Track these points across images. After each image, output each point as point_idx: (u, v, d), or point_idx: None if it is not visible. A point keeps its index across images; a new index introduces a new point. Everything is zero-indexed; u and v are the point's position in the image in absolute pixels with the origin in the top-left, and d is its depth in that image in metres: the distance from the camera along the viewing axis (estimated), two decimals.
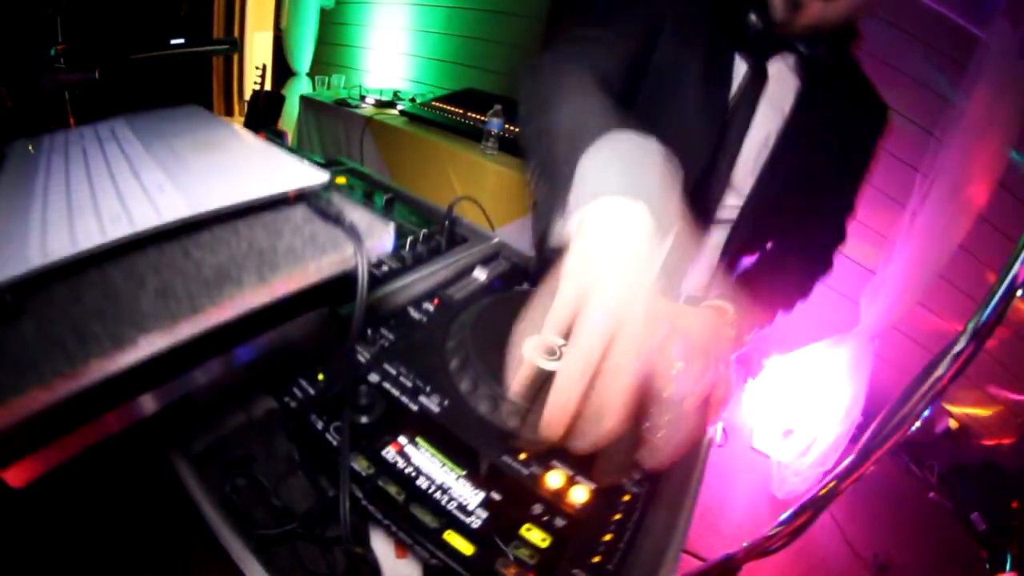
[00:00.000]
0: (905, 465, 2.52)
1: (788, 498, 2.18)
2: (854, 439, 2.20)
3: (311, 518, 0.64)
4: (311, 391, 0.62)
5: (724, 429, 2.44)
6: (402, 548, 0.61)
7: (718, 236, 1.14)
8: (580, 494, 0.56)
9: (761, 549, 0.68)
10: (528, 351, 0.49)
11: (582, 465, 0.59)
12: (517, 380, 0.52)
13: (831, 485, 0.64)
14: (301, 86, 4.23)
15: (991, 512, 2.24)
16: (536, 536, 0.51)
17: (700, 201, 1.05)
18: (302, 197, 0.62)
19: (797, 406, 2.28)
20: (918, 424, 0.65)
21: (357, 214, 0.60)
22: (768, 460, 2.38)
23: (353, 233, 0.55)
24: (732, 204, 1.09)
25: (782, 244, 1.21)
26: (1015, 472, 2.31)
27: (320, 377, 0.63)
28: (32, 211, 0.57)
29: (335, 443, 0.56)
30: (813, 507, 0.66)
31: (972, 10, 2.18)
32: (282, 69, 4.36)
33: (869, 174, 1.12)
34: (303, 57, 4.26)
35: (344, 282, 0.79)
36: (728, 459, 2.37)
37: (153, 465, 0.58)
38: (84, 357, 0.38)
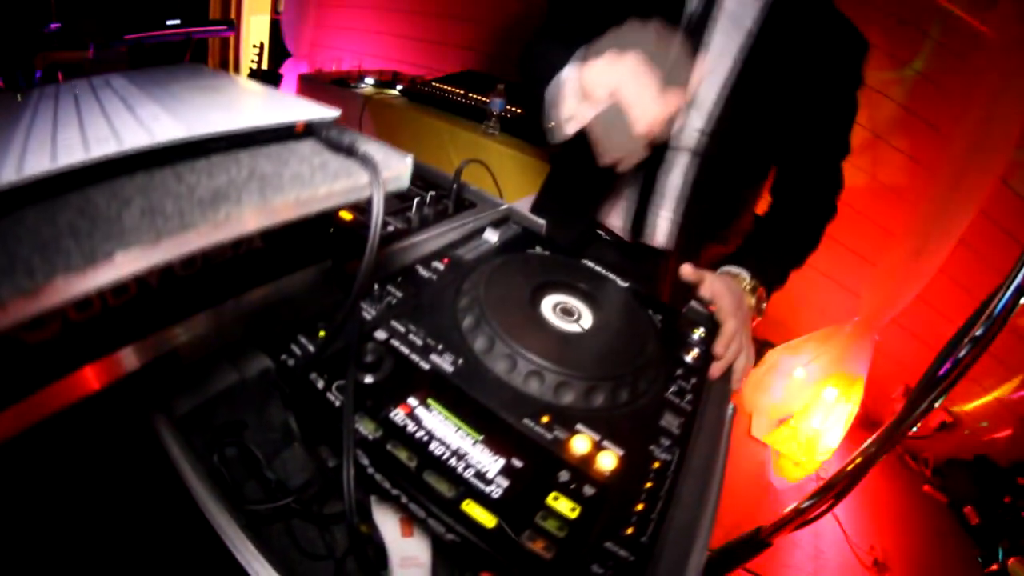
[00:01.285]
0: (900, 457, 2.50)
1: (785, 487, 2.15)
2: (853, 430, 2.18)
3: (308, 492, 0.58)
4: (311, 348, 0.55)
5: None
6: (408, 526, 0.55)
7: (691, 167, 1.09)
8: (608, 460, 0.50)
9: (798, 521, 0.63)
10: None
11: (608, 429, 0.53)
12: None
13: (871, 452, 0.60)
14: (299, 67, 4.13)
15: (984, 506, 2.22)
16: (564, 506, 0.45)
17: None
18: (311, 131, 0.55)
19: (795, 395, 2.24)
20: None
21: (372, 146, 0.53)
22: (766, 449, 2.35)
23: (368, 162, 0.48)
24: (697, 127, 1.05)
25: (781, 197, 1.17)
26: (1008, 467, 2.30)
27: (321, 334, 0.57)
28: (13, 140, 0.50)
29: (337, 403, 0.49)
30: (849, 477, 0.61)
31: (979, 4, 2.14)
32: (280, 52, 4.26)
33: (856, 110, 1.07)
34: (300, 40, 4.15)
35: (350, 235, 0.73)
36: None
37: (133, 429, 0.51)
38: (48, 273, 0.32)
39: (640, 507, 0.48)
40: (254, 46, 3.84)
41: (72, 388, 0.44)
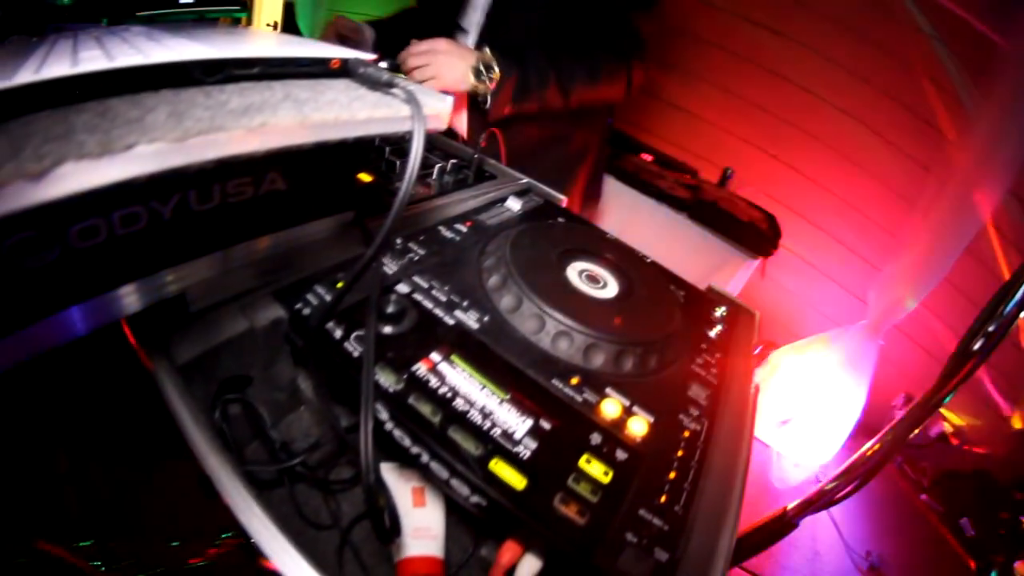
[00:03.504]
0: (899, 465, 2.46)
1: (784, 488, 2.11)
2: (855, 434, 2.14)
3: (314, 455, 0.54)
4: (328, 298, 0.51)
5: None
6: (420, 496, 0.51)
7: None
8: (639, 426, 0.46)
9: (826, 500, 0.60)
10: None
11: (638, 396, 0.50)
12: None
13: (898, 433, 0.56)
14: None
15: (981, 519, 2.18)
16: (597, 469, 0.41)
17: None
18: (347, 71, 0.51)
19: (798, 396, 2.20)
20: None
21: (418, 89, 0.49)
22: (768, 449, 2.31)
23: (409, 95, 0.44)
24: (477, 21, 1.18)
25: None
26: (1006, 483, 2.26)
27: (339, 285, 0.53)
28: (32, 57, 0.46)
29: (356, 354, 0.46)
30: (879, 454, 0.57)
31: (993, 15, 2.11)
32: (293, 33, 4.21)
33: None
34: (313, 24, 4.10)
35: (371, 194, 0.70)
36: None
37: (134, 373, 0.47)
38: (59, 158, 0.28)
39: (672, 475, 0.44)
40: (267, 25, 3.79)
41: (69, 324, 0.41)
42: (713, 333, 0.67)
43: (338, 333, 0.47)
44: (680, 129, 2.58)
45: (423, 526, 0.48)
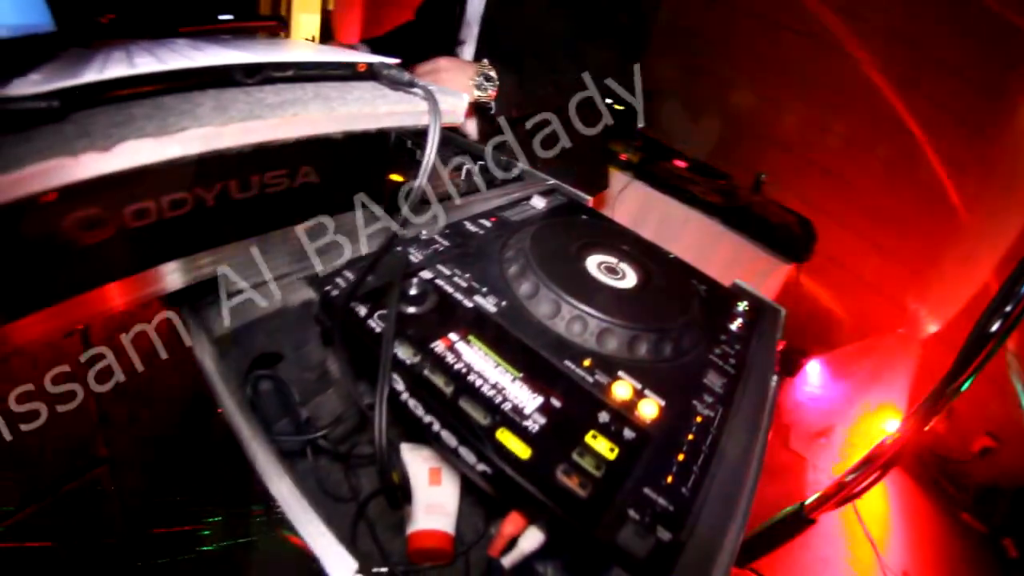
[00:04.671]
0: (938, 482, 2.31)
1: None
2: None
3: (337, 430, 0.55)
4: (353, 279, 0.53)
5: None
6: (437, 475, 0.52)
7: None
8: (650, 408, 0.46)
9: (841, 496, 0.57)
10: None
11: (651, 380, 0.49)
12: None
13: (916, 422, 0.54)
14: None
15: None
16: (603, 446, 0.41)
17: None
18: (373, 75, 0.54)
19: (834, 408, 2.11)
20: None
21: (436, 88, 0.51)
22: (803, 461, 2.21)
23: (427, 94, 0.46)
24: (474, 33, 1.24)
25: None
26: None
27: (368, 271, 0.54)
28: (92, 62, 0.50)
29: (378, 330, 0.47)
30: (897, 444, 0.55)
31: None
32: None
33: None
34: (350, 37, 4.16)
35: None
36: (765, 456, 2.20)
37: (171, 346, 0.50)
38: (122, 136, 0.31)
39: (681, 457, 0.43)
40: (306, 39, 3.87)
41: (118, 295, 0.43)
42: (734, 326, 0.65)
43: (362, 311, 0.49)
44: (713, 134, 2.53)
45: (437, 503, 0.49)
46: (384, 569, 0.44)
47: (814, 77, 2.26)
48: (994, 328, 0.51)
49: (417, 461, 0.52)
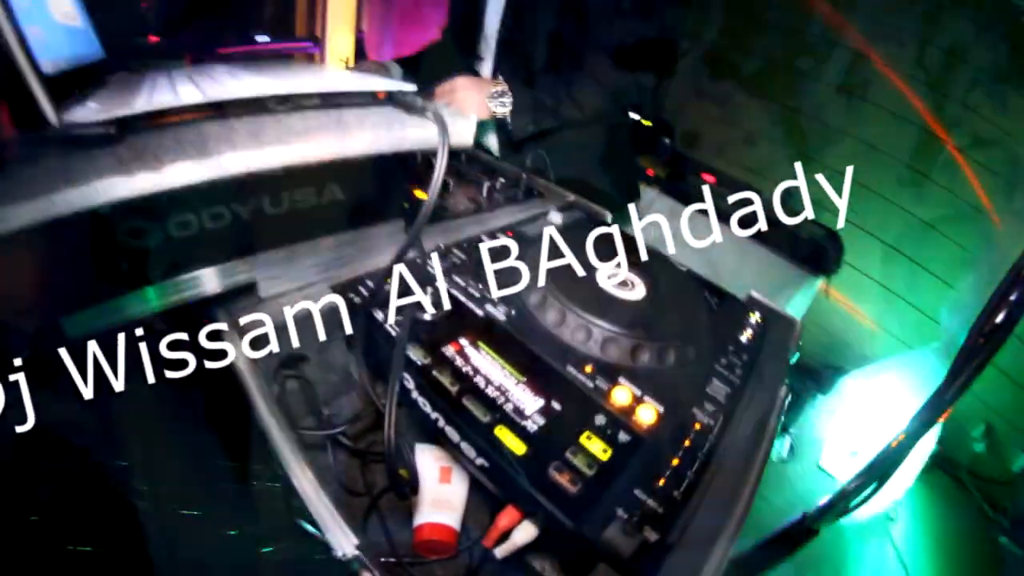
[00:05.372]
0: (977, 505, 2.18)
1: (850, 524, 1.93)
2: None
3: (356, 427, 0.58)
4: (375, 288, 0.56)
5: (791, 444, 2.20)
6: (448, 474, 0.54)
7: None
8: (647, 413, 0.47)
9: (846, 503, 0.56)
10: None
11: (652, 387, 0.50)
12: None
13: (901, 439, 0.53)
14: None
15: None
16: (596, 446, 0.42)
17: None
18: (391, 99, 0.57)
19: (867, 425, 2.02)
20: None
21: (444, 111, 0.54)
22: (835, 482, 2.12)
23: (437, 118, 0.49)
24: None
25: None
26: None
27: (387, 280, 0.57)
28: (140, 88, 0.55)
29: (394, 333, 0.50)
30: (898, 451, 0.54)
31: None
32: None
33: None
34: (382, 57, 4.25)
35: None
36: (792, 476, 2.13)
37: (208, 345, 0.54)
38: (172, 159, 0.36)
39: (676, 462, 0.44)
40: (341, 60, 3.98)
41: (161, 295, 0.48)
42: (744, 337, 0.65)
43: (380, 316, 0.52)
44: (743, 149, 2.48)
45: (444, 499, 0.51)
46: (391, 559, 0.46)
47: (849, 90, 2.20)
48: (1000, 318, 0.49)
49: (429, 460, 0.54)
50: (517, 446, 0.40)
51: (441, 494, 0.50)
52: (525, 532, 0.42)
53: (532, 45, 1.20)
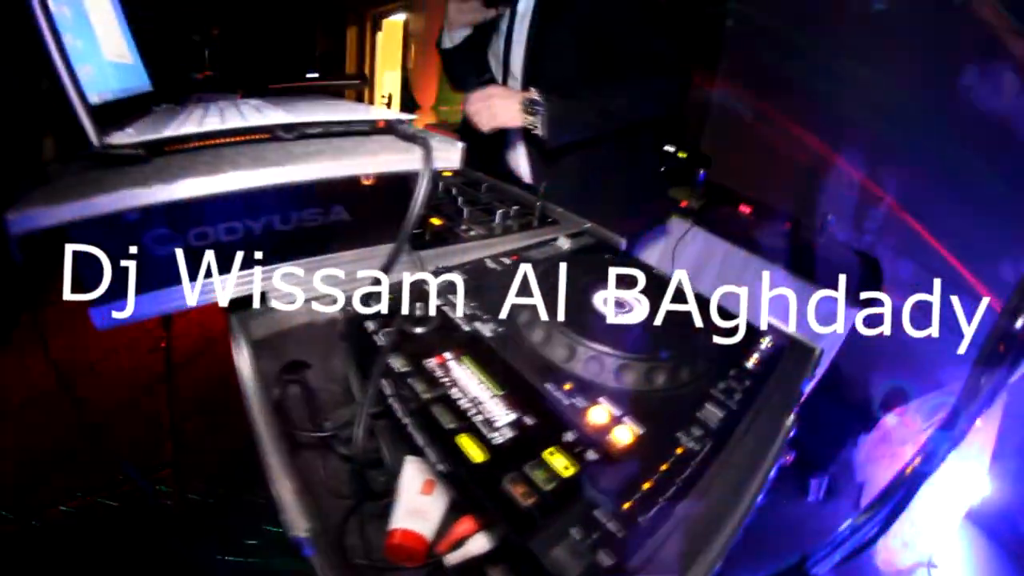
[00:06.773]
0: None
1: (891, 572, 1.73)
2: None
3: (346, 430, 0.58)
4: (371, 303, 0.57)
5: (827, 483, 2.02)
6: (430, 487, 0.53)
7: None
8: (624, 434, 0.44)
9: (852, 544, 0.50)
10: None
11: (634, 408, 0.47)
12: None
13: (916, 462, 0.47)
14: (425, 118, 4.31)
15: None
16: (559, 462, 0.40)
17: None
18: (390, 128, 0.60)
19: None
20: None
21: (435, 138, 0.56)
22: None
23: (423, 143, 0.51)
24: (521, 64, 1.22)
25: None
26: None
27: (379, 294, 0.58)
28: (175, 118, 0.60)
29: (380, 343, 0.50)
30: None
31: None
32: (407, 104, 4.43)
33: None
34: (427, 92, 4.33)
35: (441, 232, 0.76)
36: (831, 517, 1.93)
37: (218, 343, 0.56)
38: (185, 176, 0.41)
39: (647, 486, 0.41)
40: (382, 96, 4.08)
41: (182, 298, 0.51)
42: (750, 363, 0.61)
43: (371, 327, 0.52)
44: (780, 176, 2.37)
45: (421, 510, 0.49)
46: (362, 561, 0.45)
47: (882, 106, 2.05)
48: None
49: (416, 471, 0.53)
50: (476, 454, 0.39)
51: (419, 504, 0.49)
52: (479, 543, 0.40)
53: (560, 58, 1.18)
